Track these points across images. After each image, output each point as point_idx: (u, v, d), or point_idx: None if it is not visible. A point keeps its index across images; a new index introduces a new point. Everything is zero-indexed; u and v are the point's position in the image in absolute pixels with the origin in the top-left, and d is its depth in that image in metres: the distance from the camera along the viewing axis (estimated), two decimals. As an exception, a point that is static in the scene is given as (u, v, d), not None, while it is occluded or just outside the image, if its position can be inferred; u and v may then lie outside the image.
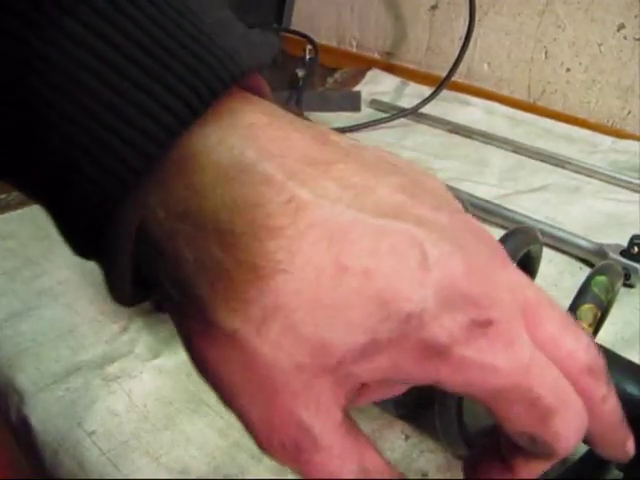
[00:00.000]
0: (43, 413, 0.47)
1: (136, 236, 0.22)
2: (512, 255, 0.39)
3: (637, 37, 0.86)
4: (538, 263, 0.45)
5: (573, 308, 0.35)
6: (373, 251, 0.20)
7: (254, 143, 0.21)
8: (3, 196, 0.77)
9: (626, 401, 0.34)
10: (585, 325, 0.34)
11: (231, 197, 0.20)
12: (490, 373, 0.20)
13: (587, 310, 0.35)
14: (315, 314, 0.20)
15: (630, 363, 0.37)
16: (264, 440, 0.21)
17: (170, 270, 0.22)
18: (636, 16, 0.85)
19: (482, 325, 0.20)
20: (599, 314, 0.35)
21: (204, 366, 0.22)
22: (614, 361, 0.37)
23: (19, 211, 0.73)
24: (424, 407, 0.39)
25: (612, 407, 0.23)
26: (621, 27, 0.87)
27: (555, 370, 0.21)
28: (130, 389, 0.48)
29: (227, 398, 0.22)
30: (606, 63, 0.91)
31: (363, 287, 0.19)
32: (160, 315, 0.55)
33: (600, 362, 0.22)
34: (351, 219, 0.20)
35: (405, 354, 0.20)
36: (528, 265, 0.45)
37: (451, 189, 0.24)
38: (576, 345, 0.22)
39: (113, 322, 0.55)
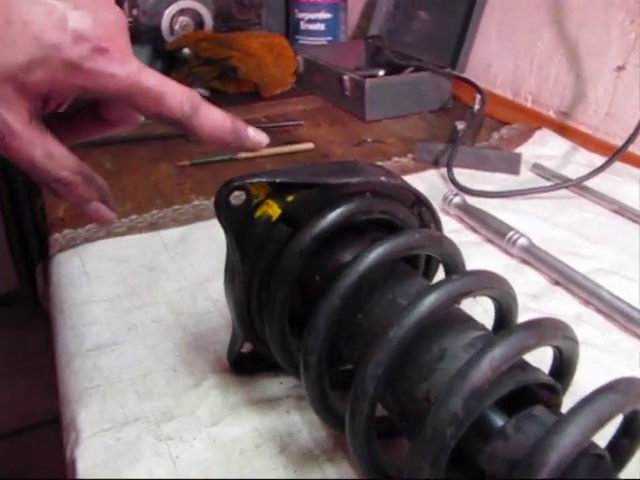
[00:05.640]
0: (89, 460, 0.45)
1: None
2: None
3: None
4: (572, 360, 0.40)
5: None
6: (28, 12, 0.34)
7: None
8: (134, 217, 0.78)
9: None
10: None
11: None
12: (110, 78, 0.35)
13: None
14: None
15: None
16: None
17: None
18: None
19: (100, 50, 0.35)
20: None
21: None
22: None
23: (141, 235, 0.74)
24: None
25: (199, 119, 0.39)
26: None
27: (156, 72, 0.37)
28: (177, 455, 0.46)
29: None
30: None
31: (23, 30, 0.33)
32: (236, 376, 0.53)
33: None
34: None
35: (55, 69, 0.34)
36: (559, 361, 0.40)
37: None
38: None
39: (189, 375, 0.53)
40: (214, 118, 0.40)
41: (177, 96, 0.37)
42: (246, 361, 0.52)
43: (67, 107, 0.42)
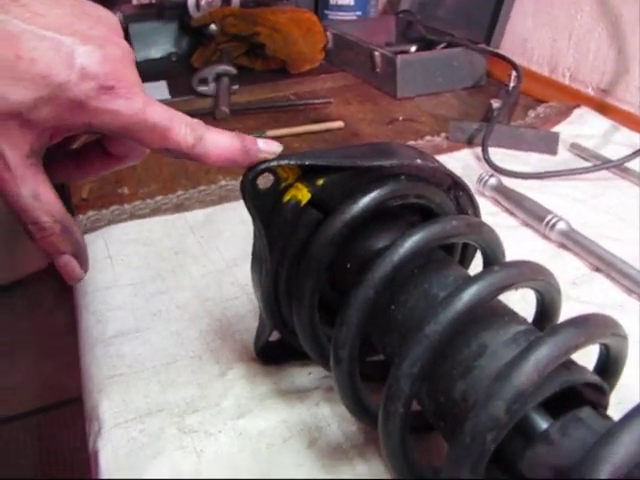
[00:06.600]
0: (112, 453, 0.44)
1: None
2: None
3: None
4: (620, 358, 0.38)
5: None
6: (37, 48, 0.33)
7: None
8: (159, 198, 0.76)
9: None
10: None
11: None
12: (116, 116, 0.35)
13: None
14: (2, 82, 0.32)
15: None
16: None
17: None
18: None
19: (106, 88, 0.34)
20: None
21: None
22: None
23: (166, 217, 0.72)
24: None
25: (204, 147, 0.38)
26: None
27: (162, 105, 0.37)
28: (202, 449, 0.44)
29: None
30: None
31: (31, 67, 0.33)
32: (263, 365, 0.51)
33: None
34: (23, 29, 0.33)
35: (61, 107, 0.34)
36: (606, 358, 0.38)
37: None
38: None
39: (214, 363, 0.51)
40: (220, 143, 0.39)
41: (181, 128, 0.37)
42: (274, 350, 0.51)
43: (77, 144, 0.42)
